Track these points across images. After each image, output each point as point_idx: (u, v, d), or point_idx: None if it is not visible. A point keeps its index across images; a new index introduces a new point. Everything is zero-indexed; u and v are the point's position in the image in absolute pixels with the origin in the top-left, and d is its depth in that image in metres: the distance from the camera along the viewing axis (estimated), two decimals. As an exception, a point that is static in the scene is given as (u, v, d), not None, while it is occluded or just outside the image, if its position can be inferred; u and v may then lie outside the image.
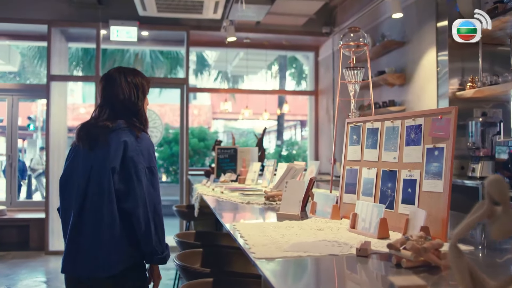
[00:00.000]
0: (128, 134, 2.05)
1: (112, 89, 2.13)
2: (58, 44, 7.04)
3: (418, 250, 1.16)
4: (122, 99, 2.12)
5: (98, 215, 1.97)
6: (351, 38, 2.62)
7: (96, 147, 2.04)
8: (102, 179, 1.98)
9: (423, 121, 1.67)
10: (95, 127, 2.08)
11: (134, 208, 1.97)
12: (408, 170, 1.70)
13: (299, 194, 2.13)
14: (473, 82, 4.15)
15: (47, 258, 6.31)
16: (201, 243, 2.65)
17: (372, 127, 1.95)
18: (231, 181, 4.38)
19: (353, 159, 2.04)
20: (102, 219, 1.96)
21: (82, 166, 2.05)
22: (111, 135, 2.04)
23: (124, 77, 2.16)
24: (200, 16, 6.43)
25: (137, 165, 2.00)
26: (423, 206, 1.59)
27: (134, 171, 2.00)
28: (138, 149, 2.04)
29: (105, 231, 1.95)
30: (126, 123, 2.09)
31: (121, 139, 2.02)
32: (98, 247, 1.95)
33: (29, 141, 23.68)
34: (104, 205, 1.96)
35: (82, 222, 1.99)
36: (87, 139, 2.07)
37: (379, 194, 1.84)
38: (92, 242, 1.97)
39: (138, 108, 2.16)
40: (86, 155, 2.06)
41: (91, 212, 1.98)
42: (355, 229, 1.71)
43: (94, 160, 2.03)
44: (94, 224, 1.97)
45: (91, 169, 2.02)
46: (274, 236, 1.64)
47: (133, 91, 2.15)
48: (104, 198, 1.96)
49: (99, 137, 2.04)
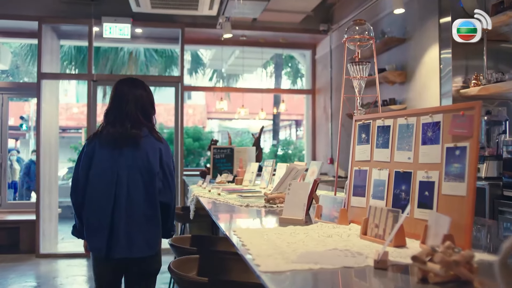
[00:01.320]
0: (156, 141, 2.55)
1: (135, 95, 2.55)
2: (50, 41, 6.86)
3: (449, 263, 1.01)
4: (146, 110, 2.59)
5: (148, 208, 2.44)
6: (356, 31, 2.48)
7: (126, 150, 2.47)
8: (147, 178, 2.45)
9: (442, 118, 1.52)
10: (125, 133, 2.48)
11: (170, 201, 2.54)
12: (424, 172, 1.56)
13: (303, 197, 1.98)
14: (478, 80, 4.02)
15: (37, 262, 6.13)
16: (198, 249, 2.50)
17: (383, 124, 1.80)
18: (227, 182, 4.23)
19: (362, 159, 1.90)
20: (151, 211, 2.45)
21: (115, 165, 2.45)
22: (143, 141, 2.50)
23: (144, 90, 2.61)
24: (195, 12, 6.27)
25: (170, 168, 2.56)
26: (443, 210, 1.44)
27: (168, 172, 2.54)
28: (168, 154, 2.58)
29: (153, 220, 2.46)
30: (148, 129, 2.55)
31: (156, 146, 2.52)
32: (150, 233, 2.45)
33: (21, 141, 23.43)
34: (150, 199, 2.45)
35: (130, 214, 2.40)
36: (117, 143, 2.47)
37: (392, 197, 1.70)
38: (144, 229, 2.43)
39: (152, 116, 2.64)
40: (115, 155, 2.46)
41: (141, 206, 2.42)
42: (367, 236, 1.57)
43: (130, 161, 2.46)
44: (145, 215, 2.43)
45: (129, 169, 2.45)
46: (279, 244, 1.49)
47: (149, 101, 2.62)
48: (150, 194, 2.45)
49: (131, 143, 2.47)
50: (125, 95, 2.53)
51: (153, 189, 2.45)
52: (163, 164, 2.51)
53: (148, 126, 2.56)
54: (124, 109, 2.51)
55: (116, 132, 2.47)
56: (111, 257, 2.39)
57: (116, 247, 2.37)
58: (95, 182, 2.46)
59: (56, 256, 6.42)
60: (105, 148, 2.49)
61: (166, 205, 2.52)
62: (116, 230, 2.38)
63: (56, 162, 7.29)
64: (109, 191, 2.41)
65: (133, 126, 2.49)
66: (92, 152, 2.51)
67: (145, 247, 2.42)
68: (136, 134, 2.48)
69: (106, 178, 2.44)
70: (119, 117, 2.51)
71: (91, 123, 6.62)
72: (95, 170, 2.47)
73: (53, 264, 6.04)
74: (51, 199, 6.84)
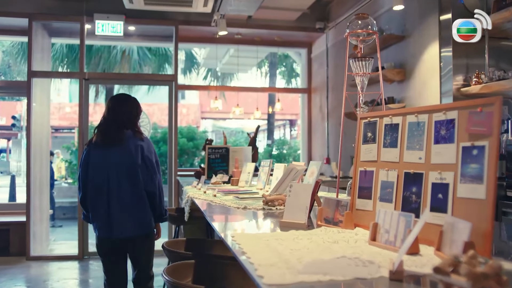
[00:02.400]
0: (138, 140, 3.03)
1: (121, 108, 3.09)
2: (40, 39, 6.71)
3: (477, 277, 0.90)
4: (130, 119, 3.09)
5: (134, 195, 2.94)
6: (359, 26, 2.37)
7: (113, 148, 2.98)
8: (131, 171, 2.95)
9: (457, 115, 1.42)
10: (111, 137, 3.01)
11: (154, 189, 3.00)
12: (438, 173, 1.45)
13: (306, 200, 1.87)
14: (479, 78, 3.94)
15: (28, 264, 5.98)
16: (193, 253, 2.38)
17: (391, 122, 1.69)
18: (223, 183, 4.12)
19: (368, 159, 1.79)
20: (137, 197, 2.95)
21: (105, 162, 2.97)
22: (128, 141, 2.99)
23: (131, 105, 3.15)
24: (189, 9, 6.14)
25: (151, 161, 3.02)
26: (459, 215, 1.33)
27: (150, 165, 3.01)
28: (149, 150, 3.04)
29: (141, 205, 2.97)
30: (132, 132, 3.05)
31: (137, 144, 3.00)
32: (139, 215, 2.97)
33: (13, 141, 23.17)
34: (135, 188, 2.95)
35: (121, 201, 2.93)
36: (106, 144, 3.00)
37: (401, 199, 1.59)
38: (134, 212, 2.96)
39: (136, 122, 3.14)
40: (106, 155, 2.98)
41: (128, 194, 2.93)
42: (376, 241, 1.46)
43: (118, 158, 2.96)
44: (132, 201, 2.94)
45: (116, 164, 2.95)
46: (282, 251, 1.38)
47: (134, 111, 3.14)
48: (135, 183, 2.95)
49: (117, 144, 2.99)
50: (114, 110, 3.08)
51: (138, 180, 2.96)
52: (144, 158, 2.99)
53: (133, 129, 3.08)
54: (112, 119, 3.06)
55: (105, 136, 3.03)
56: (111, 238, 2.96)
57: (114, 230, 2.93)
58: (92, 179, 3.00)
59: (47, 258, 6.27)
60: (97, 150, 3.03)
61: (151, 193, 3.00)
62: (112, 216, 2.93)
63: (47, 162, 7.14)
64: (103, 185, 2.95)
65: (116, 130, 3.03)
66: (88, 155, 3.05)
67: (136, 228, 2.98)
68: (120, 137, 3.01)
69: (100, 175, 2.97)
70: (108, 125, 3.06)
71: (83, 122, 6.47)
72: (91, 169, 3.01)
73: (44, 267, 5.89)
74: (42, 200, 6.69)
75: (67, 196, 12.84)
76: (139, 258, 3.09)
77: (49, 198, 7.24)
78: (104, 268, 3.09)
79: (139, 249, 3.05)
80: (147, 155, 3.00)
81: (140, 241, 3.02)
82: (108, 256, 3.06)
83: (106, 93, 14.54)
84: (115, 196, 2.93)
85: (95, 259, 6.22)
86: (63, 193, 13.29)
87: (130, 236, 2.97)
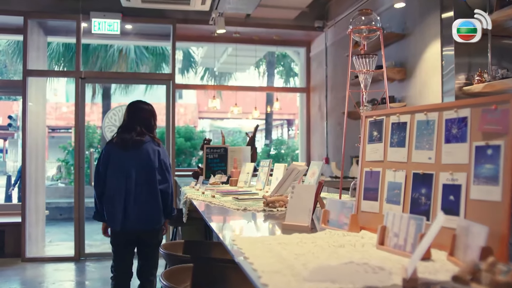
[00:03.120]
0: (155, 145, 3.42)
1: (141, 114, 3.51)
2: (36, 38, 6.62)
3: (501, 286, 0.84)
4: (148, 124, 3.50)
5: (149, 193, 3.31)
6: (362, 22, 2.30)
7: (133, 151, 3.34)
8: (149, 172, 3.32)
9: (469, 113, 1.35)
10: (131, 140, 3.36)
11: (167, 188, 3.38)
12: (449, 173, 1.38)
13: (309, 201, 1.80)
14: (481, 77, 3.88)
15: (23, 266, 5.90)
16: (191, 256, 2.31)
17: (399, 121, 1.62)
18: (221, 183, 4.05)
19: (374, 159, 1.72)
20: (152, 195, 3.31)
21: (125, 163, 3.32)
22: (146, 145, 3.37)
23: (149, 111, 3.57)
24: (187, 7, 6.07)
25: (166, 164, 3.42)
26: (472, 217, 1.27)
27: (165, 168, 3.41)
28: (165, 155, 3.45)
29: (154, 202, 3.32)
30: (150, 137, 3.44)
31: (155, 149, 3.39)
32: (152, 211, 3.32)
33: (10, 141, 23.05)
34: (151, 188, 3.31)
35: (137, 198, 3.28)
36: (126, 146, 3.36)
37: (409, 201, 1.52)
38: (148, 208, 3.31)
39: (153, 128, 3.55)
40: (126, 156, 3.33)
41: (144, 192, 3.29)
42: (385, 246, 1.39)
43: (136, 160, 3.32)
44: (147, 198, 3.30)
45: (136, 165, 3.31)
46: (286, 256, 1.31)
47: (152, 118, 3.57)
48: (151, 183, 3.31)
49: (136, 147, 3.36)
50: (135, 114, 3.47)
51: (153, 180, 3.32)
52: (160, 162, 3.38)
53: (150, 135, 3.46)
54: (132, 123, 3.43)
55: (125, 138, 3.37)
56: (125, 230, 3.30)
57: (128, 223, 3.27)
58: (112, 177, 3.33)
59: (43, 260, 6.19)
60: (118, 150, 3.36)
61: (165, 192, 3.35)
62: (128, 211, 3.27)
63: (44, 162, 7.06)
64: (121, 183, 3.29)
65: (138, 135, 3.38)
66: (109, 154, 3.38)
67: (149, 222, 3.33)
68: (139, 140, 3.37)
69: (120, 174, 3.30)
70: (128, 129, 3.42)
71: (79, 122, 6.39)
72: (111, 168, 3.34)
73: (40, 269, 5.81)
74: (38, 200, 6.61)
75: (63, 196, 12.75)
76: (147, 251, 3.45)
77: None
78: (114, 256, 3.42)
79: (149, 242, 3.42)
80: (163, 159, 3.40)
81: (149, 234, 3.39)
82: (121, 247, 3.41)
83: (103, 92, 14.44)
84: (132, 194, 3.28)
85: (92, 260, 6.14)
86: (59, 194, 13.21)
87: (142, 229, 3.33)
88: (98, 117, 16.99)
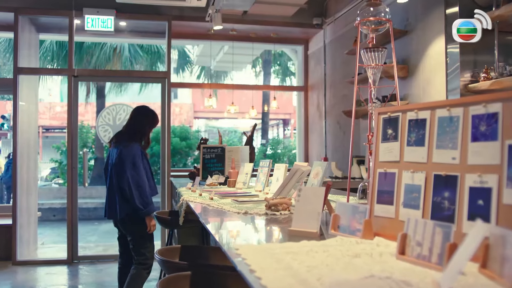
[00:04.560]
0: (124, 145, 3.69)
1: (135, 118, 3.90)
2: (28, 35, 6.45)
3: None
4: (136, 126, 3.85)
5: (114, 189, 3.67)
6: (371, 13, 2.17)
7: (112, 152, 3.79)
8: (114, 171, 3.66)
9: (501, 108, 1.21)
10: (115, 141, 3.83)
11: (123, 185, 3.59)
12: (477, 175, 1.24)
13: (317, 205, 1.66)
14: (488, 74, 3.76)
15: (14, 269, 5.73)
16: (189, 263, 2.16)
17: (417, 117, 1.48)
18: (219, 184, 3.91)
19: (389, 159, 1.58)
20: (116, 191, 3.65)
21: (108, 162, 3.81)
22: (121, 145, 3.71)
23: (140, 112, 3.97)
24: (183, 3, 5.92)
25: (124, 163, 3.61)
26: (505, 224, 1.13)
27: (120, 166, 3.63)
28: (127, 154, 3.64)
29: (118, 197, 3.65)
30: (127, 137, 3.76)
31: (121, 148, 3.67)
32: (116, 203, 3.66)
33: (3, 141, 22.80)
34: (116, 184, 3.64)
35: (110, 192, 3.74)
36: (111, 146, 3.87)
37: (430, 206, 1.38)
38: (114, 202, 3.68)
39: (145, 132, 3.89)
40: (110, 156, 3.81)
41: (113, 186, 3.68)
42: (406, 255, 1.25)
43: (112, 159, 3.74)
44: (113, 193, 3.69)
45: (111, 164, 3.74)
46: (296, 268, 1.17)
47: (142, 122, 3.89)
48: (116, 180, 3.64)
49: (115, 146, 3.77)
50: (129, 118, 3.94)
51: (117, 177, 3.64)
52: (120, 160, 3.64)
53: (132, 136, 3.75)
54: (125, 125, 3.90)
55: (113, 139, 3.85)
56: (108, 218, 3.82)
57: (107, 214, 3.78)
58: (104, 174, 3.90)
59: (35, 263, 6.02)
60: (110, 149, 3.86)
61: (122, 189, 3.60)
62: (107, 204, 3.78)
63: (36, 162, 6.89)
64: (107, 179, 3.81)
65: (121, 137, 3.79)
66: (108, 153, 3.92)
67: (116, 213, 3.68)
68: (118, 141, 3.76)
69: (106, 170, 3.83)
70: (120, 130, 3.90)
71: (72, 122, 6.22)
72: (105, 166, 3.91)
73: (31, 272, 5.64)
74: (29, 201, 6.44)
75: (57, 197, 12.57)
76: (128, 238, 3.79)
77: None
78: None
79: (125, 231, 3.79)
80: (122, 158, 3.64)
81: (122, 222, 3.72)
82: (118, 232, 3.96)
83: (97, 92, 14.26)
84: (110, 188, 3.75)
85: (85, 263, 5.97)
86: (53, 194, 13.02)
87: (116, 219, 3.76)
88: (93, 117, 16.79)
